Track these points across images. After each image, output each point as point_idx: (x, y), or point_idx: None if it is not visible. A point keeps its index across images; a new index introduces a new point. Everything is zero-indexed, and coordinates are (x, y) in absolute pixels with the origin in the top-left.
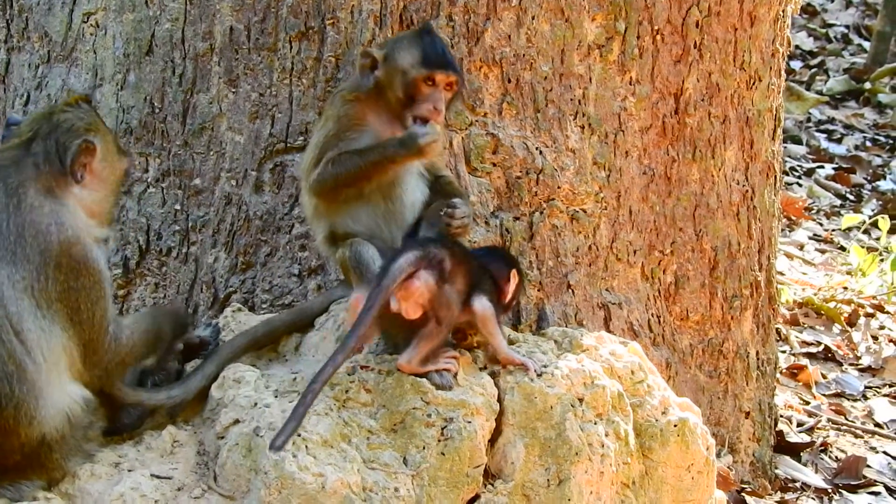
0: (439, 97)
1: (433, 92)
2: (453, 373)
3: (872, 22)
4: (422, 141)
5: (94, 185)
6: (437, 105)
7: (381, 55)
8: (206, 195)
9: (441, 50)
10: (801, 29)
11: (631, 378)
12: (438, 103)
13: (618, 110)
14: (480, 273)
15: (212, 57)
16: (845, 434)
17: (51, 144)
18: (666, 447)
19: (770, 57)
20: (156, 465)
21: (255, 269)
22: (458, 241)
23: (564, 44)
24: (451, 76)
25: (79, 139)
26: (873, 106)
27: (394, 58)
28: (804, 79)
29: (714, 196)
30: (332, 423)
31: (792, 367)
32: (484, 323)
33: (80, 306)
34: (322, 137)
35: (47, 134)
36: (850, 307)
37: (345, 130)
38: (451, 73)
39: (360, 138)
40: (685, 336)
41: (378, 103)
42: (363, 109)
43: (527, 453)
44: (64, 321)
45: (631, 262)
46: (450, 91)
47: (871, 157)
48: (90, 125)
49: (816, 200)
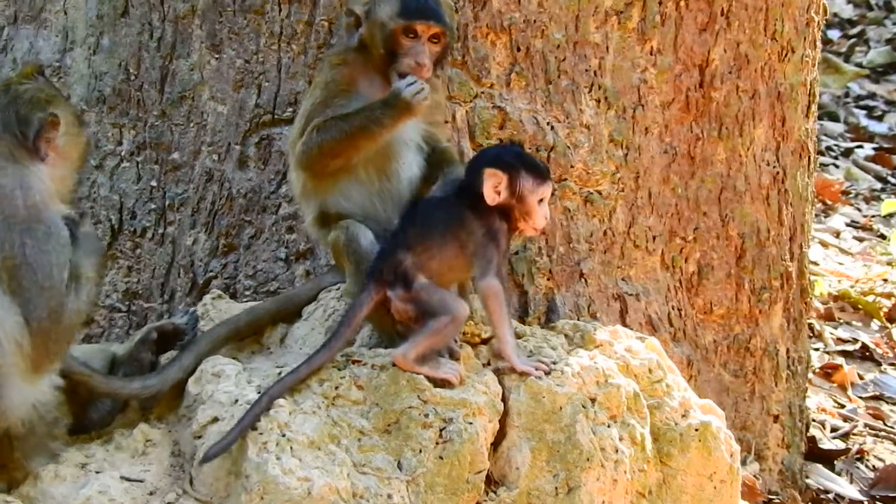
0: (421, 50)
1: (415, 45)
2: (455, 384)
3: None
4: (406, 95)
5: (56, 162)
6: (419, 59)
7: (364, 10)
8: (185, 171)
9: (420, 8)
10: None
11: (648, 377)
12: (420, 56)
13: (637, 83)
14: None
15: (193, 19)
16: (884, 441)
17: (10, 116)
18: (686, 453)
19: (804, 26)
20: (126, 467)
21: (237, 253)
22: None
23: (579, 9)
24: (433, 26)
25: (42, 112)
26: None
27: (374, 11)
28: (842, 50)
29: (741, 178)
30: (319, 422)
31: (826, 366)
32: (487, 305)
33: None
34: (309, 106)
35: (5, 106)
36: (890, 301)
37: (332, 97)
38: (434, 22)
39: (348, 104)
40: (709, 331)
41: (367, 65)
42: (351, 73)
43: (533, 458)
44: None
45: (650, 250)
46: (436, 44)
47: None
48: (51, 98)
49: (854, 183)
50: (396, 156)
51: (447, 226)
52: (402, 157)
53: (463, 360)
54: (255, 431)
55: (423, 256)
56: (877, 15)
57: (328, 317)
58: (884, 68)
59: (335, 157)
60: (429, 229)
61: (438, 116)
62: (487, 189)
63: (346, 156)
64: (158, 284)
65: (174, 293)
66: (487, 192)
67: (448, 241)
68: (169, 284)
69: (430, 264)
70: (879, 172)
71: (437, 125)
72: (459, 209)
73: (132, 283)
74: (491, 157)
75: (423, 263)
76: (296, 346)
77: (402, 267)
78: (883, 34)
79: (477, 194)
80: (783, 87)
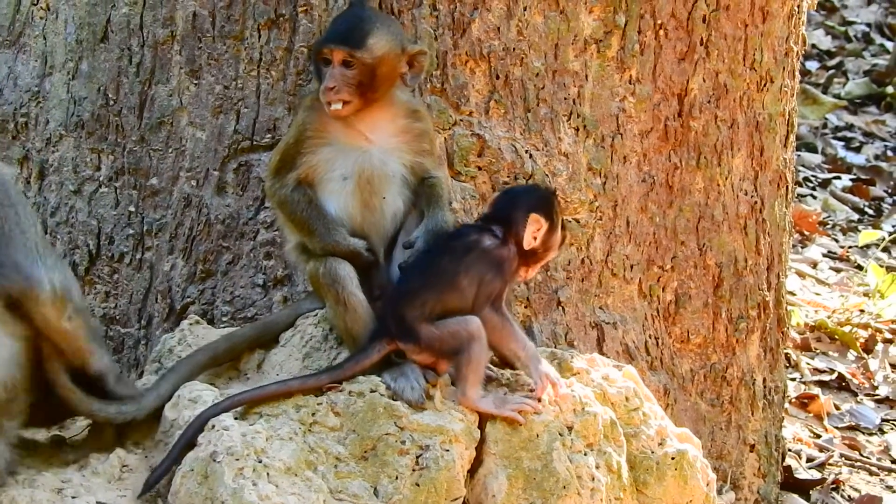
0: (333, 74)
1: (329, 69)
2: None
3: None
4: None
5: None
6: (328, 83)
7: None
8: (164, 196)
9: (341, 23)
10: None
11: (625, 405)
12: (328, 80)
13: (616, 111)
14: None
15: (172, 45)
16: (859, 471)
17: None
18: (662, 482)
19: (783, 56)
20: (102, 492)
21: (215, 279)
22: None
23: (559, 38)
24: (339, 51)
25: None
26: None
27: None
28: (820, 81)
29: (719, 207)
30: (296, 448)
31: (802, 396)
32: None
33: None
34: (283, 145)
35: None
36: (866, 332)
37: (303, 141)
38: (337, 46)
39: (318, 152)
40: (685, 360)
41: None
42: (323, 117)
43: (510, 486)
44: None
45: (627, 279)
46: (350, 69)
47: (893, 167)
48: None
49: (832, 214)
50: (380, 189)
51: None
52: (386, 192)
53: (440, 388)
54: (231, 457)
55: (424, 308)
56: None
57: (306, 343)
58: (862, 100)
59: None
60: (428, 280)
61: (425, 145)
62: (528, 234)
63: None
64: (136, 310)
65: (151, 319)
66: (528, 238)
67: (450, 288)
68: (146, 310)
69: (431, 312)
70: (857, 203)
71: (423, 154)
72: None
73: (109, 308)
74: (537, 202)
75: (424, 314)
76: (273, 373)
77: (405, 324)
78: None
79: (507, 228)
80: (762, 117)
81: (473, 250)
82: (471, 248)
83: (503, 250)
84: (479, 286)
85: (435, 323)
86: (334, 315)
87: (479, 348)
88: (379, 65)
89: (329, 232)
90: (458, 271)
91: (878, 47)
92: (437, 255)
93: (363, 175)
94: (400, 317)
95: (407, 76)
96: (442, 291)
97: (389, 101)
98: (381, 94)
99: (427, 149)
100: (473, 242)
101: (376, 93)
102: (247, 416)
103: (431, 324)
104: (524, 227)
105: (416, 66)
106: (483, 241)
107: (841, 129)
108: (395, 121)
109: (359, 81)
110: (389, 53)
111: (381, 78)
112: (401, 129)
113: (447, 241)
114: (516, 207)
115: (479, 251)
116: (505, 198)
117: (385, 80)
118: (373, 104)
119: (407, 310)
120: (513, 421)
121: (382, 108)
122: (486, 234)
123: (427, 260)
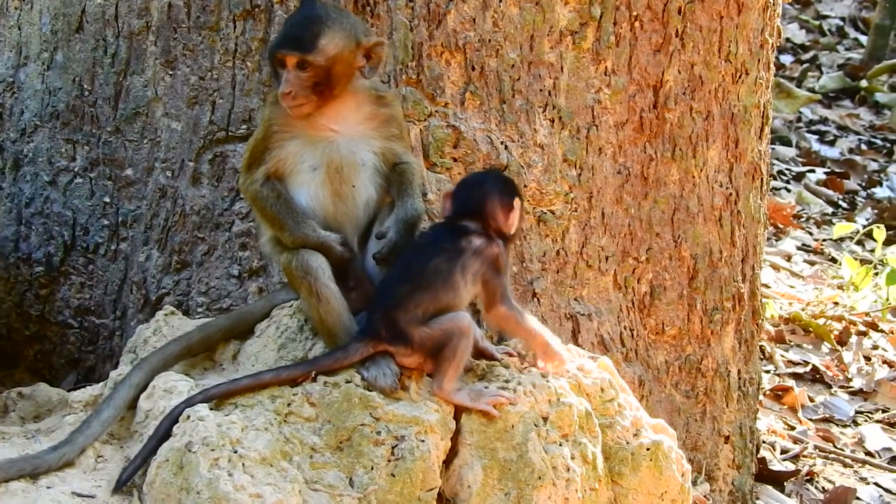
0: (288, 78)
1: (284, 73)
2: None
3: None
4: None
5: None
6: (283, 87)
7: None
8: (139, 187)
9: (292, 26)
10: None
11: (600, 396)
12: (284, 85)
13: (591, 103)
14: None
15: (147, 35)
16: (833, 463)
17: None
18: (637, 473)
19: (759, 48)
20: (77, 482)
21: (190, 269)
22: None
23: (534, 29)
24: (292, 55)
25: None
26: (869, 106)
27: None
28: (795, 75)
29: (694, 199)
30: (271, 438)
31: (776, 388)
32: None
33: None
34: (253, 140)
35: None
36: (840, 324)
37: (270, 136)
38: (289, 51)
39: (285, 146)
40: (660, 352)
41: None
42: (285, 112)
43: (485, 476)
44: None
45: (602, 270)
46: (305, 72)
47: (867, 161)
48: None
49: (806, 207)
50: (350, 178)
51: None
52: (357, 180)
53: (415, 379)
54: (206, 447)
55: (417, 310)
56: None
57: (281, 333)
58: (836, 93)
59: (264, 220)
60: (421, 282)
61: (394, 129)
62: (513, 220)
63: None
64: (111, 301)
65: (126, 310)
66: (514, 223)
67: (446, 288)
68: (121, 301)
69: (424, 313)
70: (831, 197)
71: (394, 139)
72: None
73: (84, 299)
74: (509, 186)
75: (418, 316)
76: (248, 363)
77: (398, 327)
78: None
79: (485, 221)
80: (737, 109)
81: (467, 251)
82: (463, 250)
83: (493, 247)
84: (483, 287)
85: (427, 323)
86: (308, 307)
87: (465, 344)
88: (333, 64)
89: (298, 225)
90: (453, 270)
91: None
92: (426, 256)
93: (332, 165)
94: (392, 320)
95: (365, 69)
96: (437, 291)
97: (353, 91)
98: (340, 89)
99: (396, 133)
100: (465, 244)
101: (334, 89)
102: (222, 407)
103: (424, 324)
104: (506, 215)
105: (373, 58)
106: (474, 243)
107: (815, 122)
108: (361, 108)
109: (314, 83)
110: (343, 51)
111: (337, 76)
112: (367, 116)
113: (435, 243)
114: (489, 198)
115: (473, 252)
116: (473, 192)
117: (342, 77)
118: (334, 98)
119: (400, 313)
120: (487, 414)
121: (345, 99)
122: (473, 234)
123: (416, 262)
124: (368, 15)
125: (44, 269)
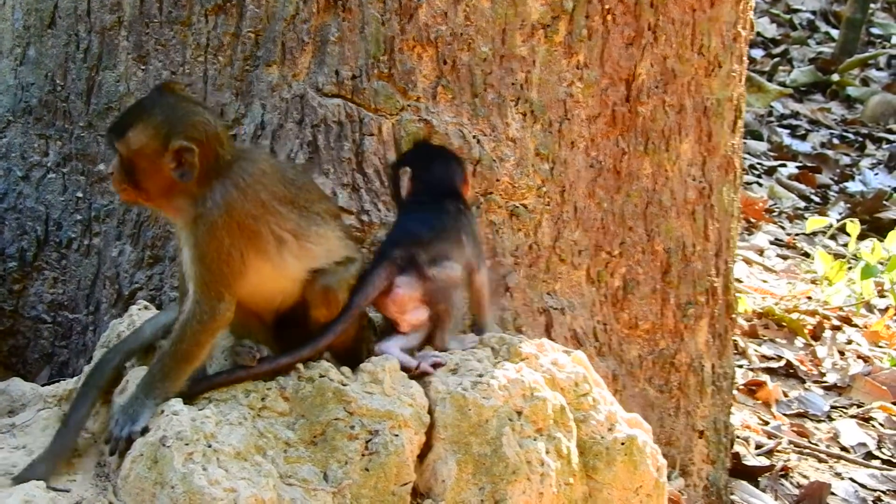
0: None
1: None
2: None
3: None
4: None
5: None
6: (108, 168)
7: None
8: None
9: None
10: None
11: (574, 390)
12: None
13: (563, 97)
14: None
15: (120, 31)
16: (808, 458)
17: None
18: (612, 467)
19: (731, 41)
20: (52, 477)
21: (163, 264)
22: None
23: (506, 22)
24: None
25: None
26: (841, 100)
27: None
28: (766, 69)
29: (667, 193)
30: (246, 433)
31: (750, 383)
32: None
33: None
34: None
35: None
36: (814, 319)
37: None
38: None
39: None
40: (634, 346)
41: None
42: None
43: (459, 471)
44: None
45: (575, 264)
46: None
47: (839, 155)
48: None
49: (778, 202)
50: None
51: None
52: None
53: (389, 372)
54: (180, 442)
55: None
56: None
57: None
58: (807, 88)
59: None
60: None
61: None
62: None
63: None
64: (84, 296)
65: (99, 304)
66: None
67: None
68: (94, 296)
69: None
70: (803, 191)
71: None
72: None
73: (57, 294)
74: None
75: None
76: (221, 356)
77: (418, 260)
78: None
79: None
80: (710, 102)
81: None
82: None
83: (470, 215)
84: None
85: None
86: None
87: (458, 296)
88: (136, 158)
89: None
90: (459, 230)
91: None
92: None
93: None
94: (412, 254)
95: (175, 173)
96: (452, 245)
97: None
98: (157, 188)
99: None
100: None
101: (147, 185)
102: (196, 401)
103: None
104: (466, 184)
105: (184, 164)
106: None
107: (786, 116)
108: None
109: (123, 171)
110: (145, 149)
111: (142, 172)
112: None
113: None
114: (453, 173)
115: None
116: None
117: (151, 175)
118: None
119: (420, 251)
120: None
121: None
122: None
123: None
124: (340, 10)
125: (17, 264)
